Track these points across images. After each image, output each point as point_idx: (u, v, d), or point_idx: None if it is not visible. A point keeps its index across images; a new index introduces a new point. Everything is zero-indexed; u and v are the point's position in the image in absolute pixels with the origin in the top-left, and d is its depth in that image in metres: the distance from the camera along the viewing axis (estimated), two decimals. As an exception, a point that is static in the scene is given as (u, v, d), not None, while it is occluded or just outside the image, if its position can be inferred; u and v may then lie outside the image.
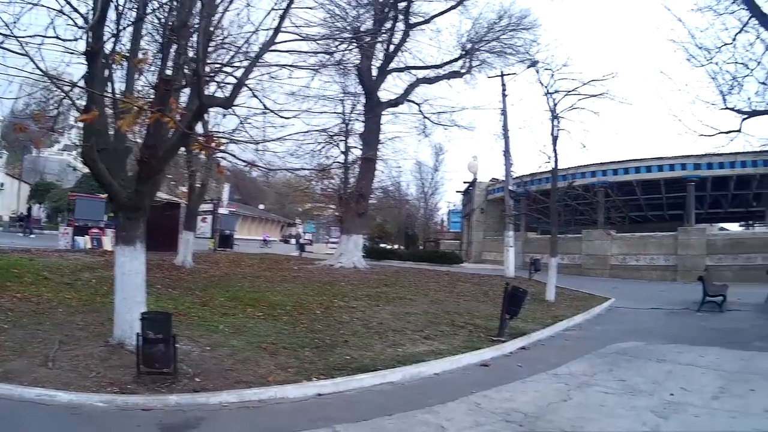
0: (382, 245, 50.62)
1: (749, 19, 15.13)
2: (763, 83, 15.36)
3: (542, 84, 19.34)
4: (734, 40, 15.46)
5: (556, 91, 19.00)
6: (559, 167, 19.59)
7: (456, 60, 28.02)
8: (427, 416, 6.47)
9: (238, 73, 8.98)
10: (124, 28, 9.46)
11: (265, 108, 9.87)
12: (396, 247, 51.55)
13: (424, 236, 57.58)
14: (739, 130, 15.85)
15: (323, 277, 20.00)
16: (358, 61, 25.21)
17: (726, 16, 15.53)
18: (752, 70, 15.54)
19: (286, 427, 6.14)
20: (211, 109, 15.35)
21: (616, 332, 13.24)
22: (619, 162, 33.84)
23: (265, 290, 15.58)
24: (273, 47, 8.85)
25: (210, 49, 10.21)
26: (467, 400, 7.16)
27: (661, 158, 32.78)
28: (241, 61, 9.85)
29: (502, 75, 28.77)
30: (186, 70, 8.46)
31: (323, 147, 27.38)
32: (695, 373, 9.13)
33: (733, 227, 48.55)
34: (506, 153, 28.62)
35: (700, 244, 29.06)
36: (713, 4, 15.63)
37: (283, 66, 10.49)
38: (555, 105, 18.88)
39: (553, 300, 17.89)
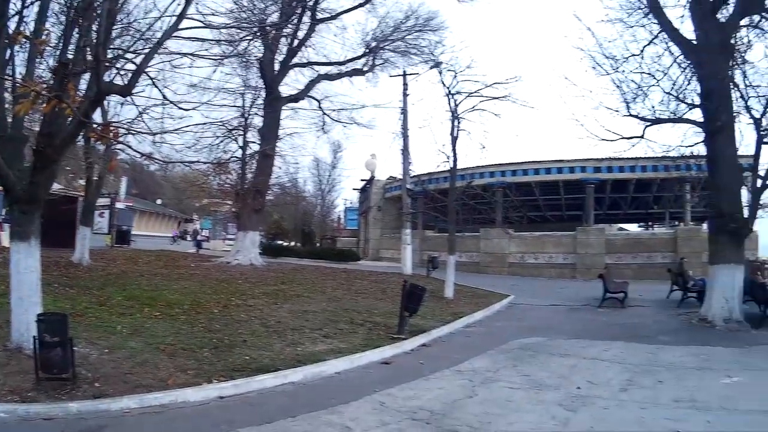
0: (279, 242, 49.93)
1: (659, 33, 15.83)
2: (669, 93, 16.02)
3: (444, 85, 19.53)
4: (642, 51, 16.12)
5: (458, 93, 19.26)
6: (458, 167, 19.84)
7: (359, 58, 27.91)
8: (331, 417, 6.36)
9: (140, 60, 8.47)
10: (30, 5, 8.98)
11: (164, 98, 9.31)
12: (293, 244, 50.74)
13: (321, 233, 57.15)
14: (641, 137, 16.50)
15: (220, 275, 19.49)
16: (261, 54, 24.88)
17: (636, 28, 16.17)
18: (659, 80, 16.31)
19: (190, 434, 5.94)
20: (110, 98, 14.86)
21: (517, 328, 13.39)
22: (518, 163, 34.79)
23: (163, 288, 15.13)
24: (176, 33, 8.35)
25: (113, 34, 9.63)
26: (371, 399, 7.09)
27: (560, 161, 33.96)
28: (144, 48, 9.30)
29: (405, 74, 28.83)
30: (87, 55, 7.98)
31: (221, 141, 26.57)
32: (600, 366, 9.29)
33: (633, 228, 50.88)
34: (405, 151, 28.66)
35: (599, 243, 30.28)
36: (624, 17, 16.23)
37: (185, 54, 9.98)
38: (456, 106, 19.16)
39: (452, 297, 18.03)
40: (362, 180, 48.65)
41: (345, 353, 9.40)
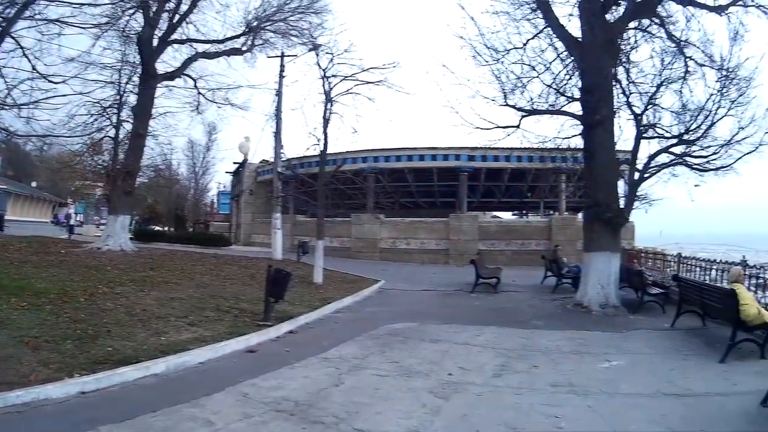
0: (153, 227, 48.49)
1: (545, 28, 16.14)
2: (550, 86, 16.37)
3: (320, 67, 19.53)
4: (526, 45, 16.37)
5: (334, 76, 19.40)
6: (331, 152, 19.84)
7: (239, 36, 27.00)
8: (193, 410, 6.19)
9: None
10: None
11: (34, 69, 8.33)
12: (167, 229, 49.12)
13: (194, 218, 56.12)
14: (517, 126, 16.80)
15: (90, 261, 18.41)
16: (141, 29, 23.57)
17: (522, 22, 16.38)
18: (540, 73, 16.61)
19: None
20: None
21: (387, 314, 13.37)
22: (391, 149, 35.27)
23: (32, 277, 14.00)
24: (58, 2, 7.42)
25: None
26: (234, 390, 6.96)
27: (434, 148, 34.58)
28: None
29: (283, 55, 28.44)
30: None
31: (96, 119, 25.28)
32: (473, 352, 9.29)
33: (507, 216, 52.68)
34: (277, 134, 28.22)
35: (473, 229, 31.15)
36: (511, 10, 16.43)
37: (54, 21, 8.99)
38: (330, 89, 19.29)
39: (322, 282, 18.04)
40: (235, 163, 47.93)
41: (209, 342, 9.21)
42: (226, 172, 54.30)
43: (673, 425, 5.95)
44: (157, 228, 49.35)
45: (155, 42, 24.57)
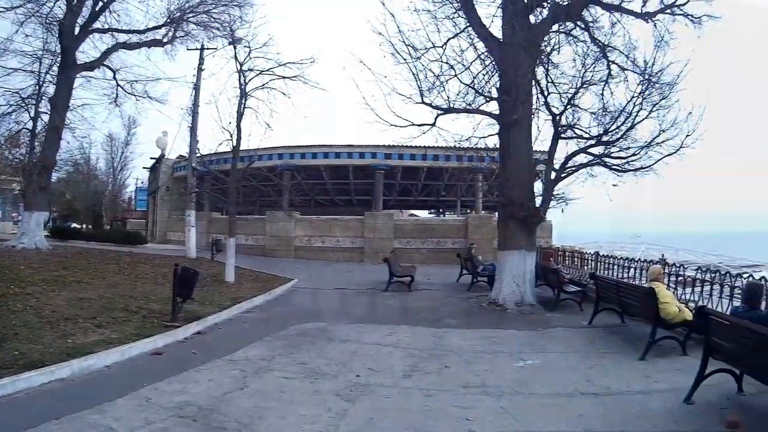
0: (70, 224, 47.28)
1: (466, 27, 16.08)
2: (469, 85, 16.28)
3: (237, 60, 19.51)
4: (446, 43, 16.26)
5: (250, 70, 19.41)
6: (246, 148, 19.62)
7: (160, 27, 26.34)
8: (96, 417, 5.99)
9: None
10: None
11: None
12: (84, 226, 47.41)
13: (112, 215, 54.61)
14: (433, 124, 16.68)
15: (3, 261, 17.95)
16: (63, 15, 22.98)
17: (444, 21, 16.28)
18: (459, 73, 16.52)
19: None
20: None
21: (298, 313, 13.22)
22: (307, 146, 35.23)
23: None
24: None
25: None
26: (138, 395, 6.75)
27: (350, 146, 34.63)
28: None
29: (202, 48, 27.72)
30: None
31: (14, 111, 24.60)
32: (383, 352, 9.18)
33: (424, 214, 53.02)
34: (193, 129, 27.58)
35: (388, 228, 31.23)
36: (432, 8, 16.31)
37: None
38: (246, 83, 19.29)
39: (234, 281, 17.82)
40: (152, 158, 46.64)
41: (116, 344, 8.94)
42: (144, 168, 52.64)
43: (591, 425, 5.88)
44: (74, 225, 47.83)
45: (76, 30, 23.89)
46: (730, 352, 6.33)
